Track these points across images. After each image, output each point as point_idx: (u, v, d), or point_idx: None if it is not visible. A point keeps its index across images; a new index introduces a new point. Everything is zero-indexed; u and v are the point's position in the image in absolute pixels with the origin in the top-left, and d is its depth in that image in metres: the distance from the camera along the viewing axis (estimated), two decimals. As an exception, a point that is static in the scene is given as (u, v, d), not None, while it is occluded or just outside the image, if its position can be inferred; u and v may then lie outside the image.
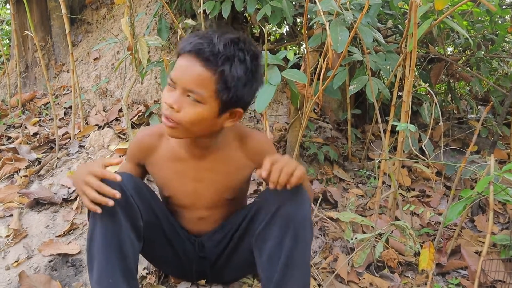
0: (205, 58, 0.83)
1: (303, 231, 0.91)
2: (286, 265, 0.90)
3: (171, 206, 1.13)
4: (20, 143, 2.15)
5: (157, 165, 1.07)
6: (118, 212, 0.90)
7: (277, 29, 3.30)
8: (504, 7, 2.42)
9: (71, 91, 2.48)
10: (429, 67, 2.53)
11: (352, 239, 1.32)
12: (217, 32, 0.87)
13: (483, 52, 2.44)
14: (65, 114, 2.64)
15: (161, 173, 1.08)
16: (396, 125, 1.30)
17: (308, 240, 0.93)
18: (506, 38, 2.50)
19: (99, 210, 0.86)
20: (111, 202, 0.85)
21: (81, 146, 2.10)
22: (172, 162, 1.05)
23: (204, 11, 1.97)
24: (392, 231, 1.32)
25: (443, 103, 2.84)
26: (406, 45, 1.43)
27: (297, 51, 3.12)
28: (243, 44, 0.87)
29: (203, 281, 1.23)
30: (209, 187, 1.06)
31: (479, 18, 2.40)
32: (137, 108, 2.43)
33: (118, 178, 0.87)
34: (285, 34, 3.01)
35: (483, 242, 1.23)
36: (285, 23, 2.53)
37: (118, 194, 0.86)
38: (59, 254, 1.36)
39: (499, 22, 2.40)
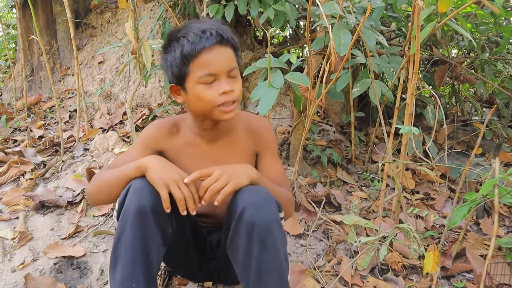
0: (225, 40, 0.96)
1: (270, 235, 0.88)
2: (258, 272, 0.89)
3: None
4: (26, 146, 2.17)
5: (176, 152, 1.11)
6: (150, 218, 0.90)
7: (280, 32, 3.31)
8: (508, 9, 2.41)
9: (76, 95, 2.50)
10: (433, 69, 2.53)
11: (356, 242, 1.31)
12: (193, 22, 0.98)
13: (487, 54, 2.43)
14: (70, 117, 2.66)
15: (181, 158, 1.11)
16: (400, 128, 1.30)
17: (276, 243, 0.89)
18: (510, 40, 2.49)
19: (169, 209, 0.91)
20: (194, 212, 0.92)
21: (85, 149, 2.11)
22: (190, 147, 1.10)
23: (208, 15, 1.98)
24: (396, 234, 1.31)
25: (447, 106, 2.83)
26: (409, 48, 1.43)
27: (300, 54, 3.13)
28: (219, 25, 0.99)
29: (209, 283, 1.23)
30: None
31: (483, 20, 2.40)
32: (141, 111, 2.45)
33: (200, 204, 0.94)
34: (288, 37, 3.02)
35: (489, 245, 1.22)
36: (288, 26, 2.54)
37: (194, 212, 0.92)
38: (64, 257, 1.36)
39: (504, 24, 2.39)
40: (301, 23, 2.69)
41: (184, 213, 0.91)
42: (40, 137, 2.37)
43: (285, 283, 0.93)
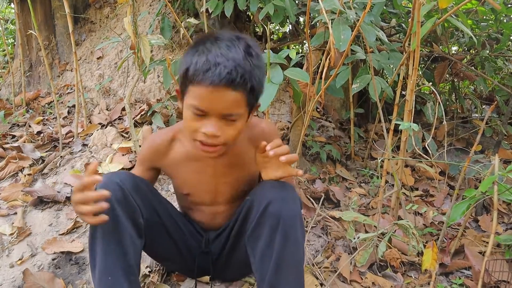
0: (237, 83, 0.81)
1: (293, 230, 0.90)
2: (277, 264, 0.90)
3: (188, 203, 1.15)
4: (24, 142, 2.16)
5: (173, 166, 1.08)
6: (116, 209, 0.90)
7: (280, 28, 3.29)
8: (509, 5, 2.40)
9: (74, 90, 2.49)
10: (433, 66, 2.52)
11: (354, 238, 1.31)
12: (222, 41, 0.84)
13: (487, 51, 2.42)
14: (68, 113, 2.65)
15: (179, 174, 1.09)
16: (399, 124, 1.30)
17: (299, 239, 0.91)
18: (511, 37, 2.48)
19: (105, 217, 0.84)
20: (105, 205, 0.83)
21: (84, 145, 2.11)
22: (190, 161, 1.05)
23: (207, 10, 1.96)
24: (395, 231, 1.31)
25: (447, 102, 2.83)
26: (409, 44, 1.42)
27: (300, 50, 3.12)
28: (253, 49, 0.86)
29: (206, 278, 1.23)
30: (228, 181, 1.08)
31: (484, 17, 2.39)
32: (140, 107, 2.44)
33: (98, 178, 0.83)
34: (288, 33, 3.00)
35: (487, 242, 1.22)
36: (288, 22, 2.53)
37: (105, 192, 0.83)
38: (62, 252, 1.36)
39: (504, 21, 2.38)
40: (301, 18, 2.68)
41: (104, 206, 0.83)
42: (39, 133, 2.36)
43: (302, 278, 0.94)
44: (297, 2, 2.12)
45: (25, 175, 1.81)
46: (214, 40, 0.84)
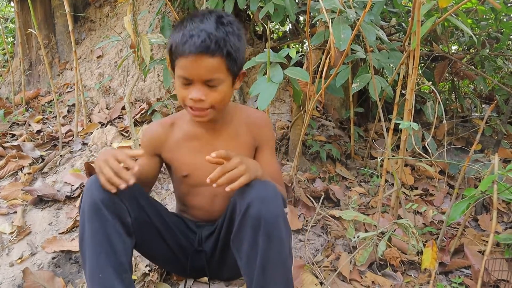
0: (211, 50, 0.91)
1: (276, 229, 0.89)
2: (263, 265, 0.89)
3: (186, 187, 1.16)
4: (24, 141, 2.16)
5: (173, 149, 1.13)
6: (102, 209, 0.92)
7: (280, 27, 3.29)
8: (509, 5, 2.40)
9: (74, 89, 2.49)
10: (433, 65, 2.52)
11: (354, 237, 1.32)
12: (196, 17, 0.95)
13: (487, 50, 2.42)
14: (68, 111, 2.65)
15: (178, 155, 1.12)
16: (399, 123, 1.30)
17: (282, 238, 0.90)
18: (511, 36, 2.48)
19: (114, 190, 0.90)
20: (123, 185, 0.89)
21: (84, 144, 2.11)
22: (188, 141, 1.12)
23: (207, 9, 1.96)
24: (394, 230, 1.31)
25: (447, 102, 2.83)
26: (409, 43, 1.42)
27: (300, 49, 3.11)
28: (225, 18, 0.96)
29: (205, 278, 1.23)
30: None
31: (484, 16, 2.39)
32: (140, 106, 2.44)
33: (136, 168, 0.91)
34: (288, 32, 3.00)
35: (487, 241, 1.22)
36: (288, 21, 2.52)
37: (132, 181, 0.89)
38: (62, 251, 1.36)
39: (504, 20, 2.38)
40: (301, 17, 2.68)
41: (111, 189, 0.90)
42: (39, 132, 2.36)
43: (290, 277, 0.94)
44: (297, 1, 2.12)
45: (25, 174, 1.81)
46: (189, 17, 0.96)
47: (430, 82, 2.46)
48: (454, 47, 3.01)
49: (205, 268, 1.18)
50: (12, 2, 3.10)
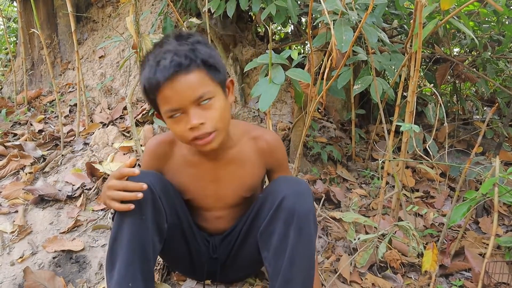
0: (185, 66, 0.84)
1: (307, 224, 0.91)
2: (291, 259, 0.91)
3: (189, 208, 1.13)
4: (26, 140, 2.17)
5: (173, 172, 1.07)
6: (146, 214, 0.90)
7: (282, 28, 3.29)
8: (511, 7, 2.40)
9: (76, 89, 2.50)
10: (435, 67, 2.52)
11: (355, 239, 1.31)
12: (155, 46, 0.90)
13: (489, 53, 2.42)
14: (70, 111, 2.66)
15: (179, 179, 1.07)
16: (401, 126, 1.30)
17: (312, 233, 0.93)
18: (513, 39, 2.48)
19: (132, 206, 0.86)
20: (140, 195, 0.85)
21: (85, 144, 2.11)
22: (188, 167, 1.05)
23: (209, 10, 1.97)
24: (395, 232, 1.31)
25: (449, 104, 2.83)
26: (411, 45, 1.42)
27: (302, 51, 3.12)
28: (183, 33, 0.91)
29: (208, 281, 1.23)
30: (227, 186, 1.07)
31: (486, 19, 2.39)
32: (141, 107, 2.44)
33: (137, 171, 0.87)
34: (290, 33, 3.00)
35: (487, 244, 1.22)
36: (290, 22, 2.53)
37: (145, 185, 0.86)
38: (63, 251, 1.37)
39: (506, 22, 2.38)
40: (303, 19, 2.68)
41: (129, 206, 0.87)
42: (40, 131, 2.37)
43: (313, 271, 0.95)
44: (299, 2, 2.12)
45: (26, 174, 1.81)
46: (149, 53, 0.89)
47: (432, 85, 2.47)
48: (456, 50, 3.01)
49: (217, 272, 1.17)
50: (15, 1, 3.11)
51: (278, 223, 0.92)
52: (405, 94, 1.69)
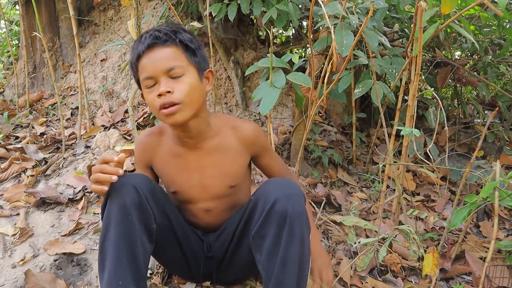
0: (163, 40, 0.94)
1: (299, 227, 0.92)
2: (283, 261, 0.91)
3: (177, 202, 1.15)
4: (28, 143, 2.17)
5: (161, 163, 1.11)
6: (131, 214, 0.91)
7: (283, 32, 3.30)
8: None
9: (78, 92, 2.51)
10: (436, 71, 2.52)
11: (355, 243, 1.31)
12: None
13: (490, 57, 2.42)
14: (71, 114, 2.67)
15: (165, 170, 1.11)
16: (401, 129, 1.30)
17: (304, 235, 0.93)
18: (513, 43, 2.48)
19: (105, 188, 0.90)
20: (114, 177, 0.89)
21: (87, 147, 2.12)
22: (173, 158, 1.09)
23: (210, 14, 1.98)
24: (395, 236, 1.31)
25: (449, 108, 2.83)
26: (412, 49, 1.43)
27: (303, 54, 3.12)
28: (168, 25, 1.01)
29: (207, 283, 1.23)
30: (211, 175, 1.09)
31: (487, 23, 2.39)
32: (142, 110, 2.45)
33: (122, 155, 0.92)
34: (291, 37, 3.01)
35: (488, 248, 1.22)
36: (291, 26, 2.54)
37: (121, 171, 0.90)
38: (64, 253, 1.37)
39: (507, 26, 2.39)
40: (304, 23, 2.69)
41: (102, 188, 0.90)
42: (42, 134, 2.38)
43: (305, 272, 0.96)
44: (300, 6, 2.13)
45: (28, 176, 1.82)
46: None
47: (433, 88, 2.47)
48: (457, 53, 3.02)
49: (213, 273, 1.18)
50: (17, 5, 3.13)
51: (270, 226, 0.93)
52: (406, 97, 1.70)
